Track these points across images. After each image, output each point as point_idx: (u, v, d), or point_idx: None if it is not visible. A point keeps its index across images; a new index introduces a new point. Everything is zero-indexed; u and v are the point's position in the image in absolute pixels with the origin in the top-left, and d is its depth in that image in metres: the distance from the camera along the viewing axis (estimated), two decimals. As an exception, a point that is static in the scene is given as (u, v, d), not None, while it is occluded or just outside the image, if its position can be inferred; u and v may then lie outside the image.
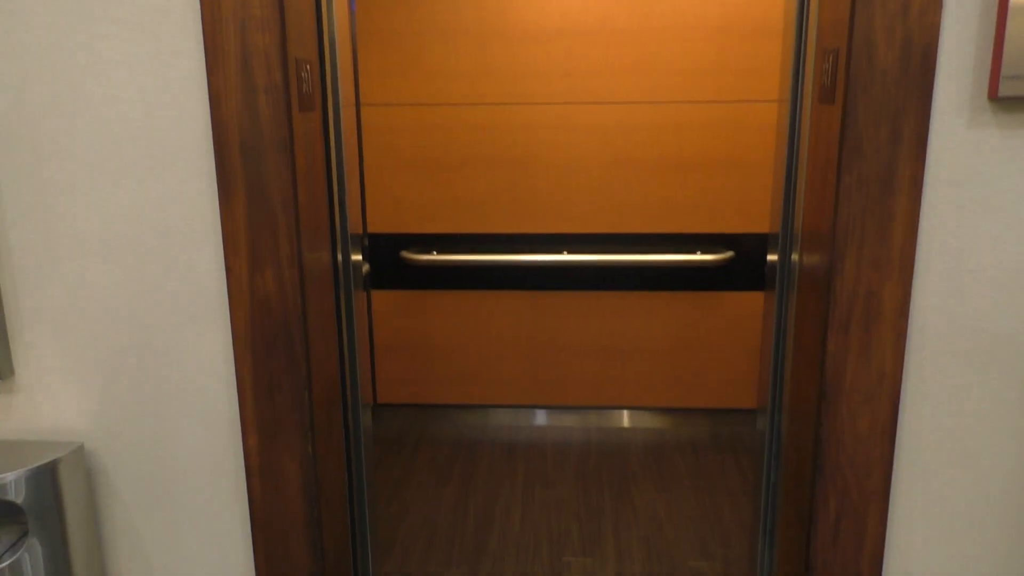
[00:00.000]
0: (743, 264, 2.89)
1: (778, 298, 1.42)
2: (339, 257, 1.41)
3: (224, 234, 1.18)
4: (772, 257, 1.46)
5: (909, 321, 1.16)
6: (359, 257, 1.47)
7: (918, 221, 1.11)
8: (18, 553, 1.17)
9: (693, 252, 2.81)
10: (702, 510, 2.45)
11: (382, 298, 3.02)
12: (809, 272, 1.25)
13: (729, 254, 2.79)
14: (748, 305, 2.94)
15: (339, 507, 1.42)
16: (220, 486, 1.30)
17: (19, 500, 1.15)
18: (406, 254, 2.87)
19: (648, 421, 3.08)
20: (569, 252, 2.84)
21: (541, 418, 3.11)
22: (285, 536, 1.30)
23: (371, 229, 2.95)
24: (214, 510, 1.32)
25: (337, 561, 1.40)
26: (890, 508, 1.24)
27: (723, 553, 2.21)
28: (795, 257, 1.34)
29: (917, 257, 1.14)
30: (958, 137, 1.10)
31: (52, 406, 1.29)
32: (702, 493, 2.56)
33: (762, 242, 2.87)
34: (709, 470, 2.72)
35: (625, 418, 3.09)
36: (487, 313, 3.01)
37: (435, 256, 2.85)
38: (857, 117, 1.08)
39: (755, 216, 2.85)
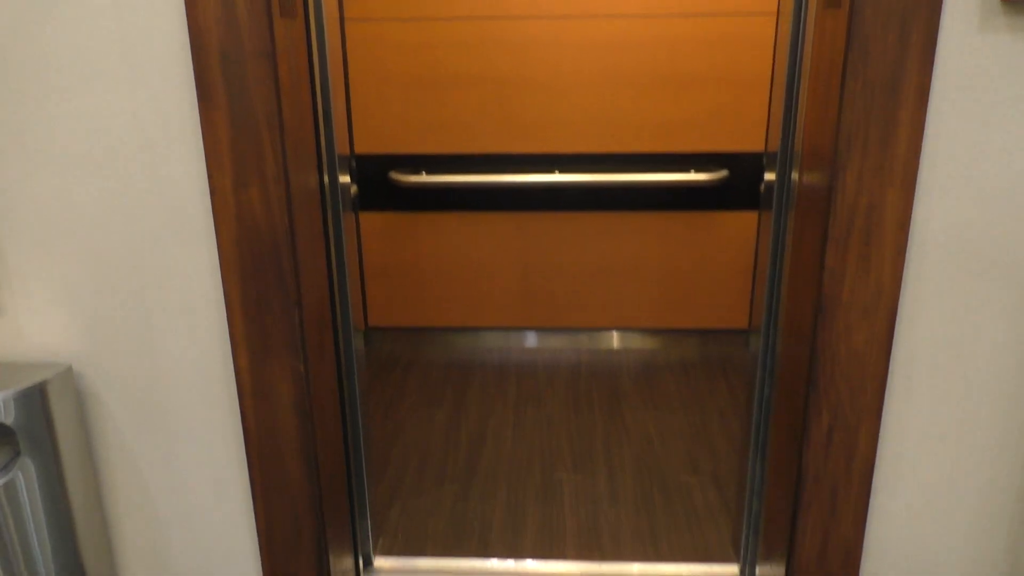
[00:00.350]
0: (737, 183, 2.86)
1: (775, 216, 1.40)
2: (326, 178, 1.37)
3: (206, 149, 1.14)
4: (770, 176, 1.43)
5: (910, 233, 1.14)
6: (347, 178, 1.43)
7: (923, 128, 1.08)
8: (11, 472, 1.16)
9: (687, 171, 2.77)
10: (692, 428, 2.49)
11: (370, 220, 2.98)
12: (808, 189, 1.22)
13: (723, 173, 2.76)
14: (741, 225, 2.92)
15: (332, 427, 1.42)
16: (212, 405, 1.30)
17: (9, 421, 1.14)
18: (394, 175, 2.82)
19: (638, 342, 3.10)
20: (560, 172, 2.79)
21: (532, 340, 3.12)
22: (280, 454, 1.30)
23: (358, 150, 2.89)
24: (207, 429, 1.31)
25: (332, 479, 1.41)
26: (882, 422, 1.25)
27: (712, 468, 2.25)
28: (795, 175, 1.31)
29: (921, 166, 1.11)
30: (968, 40, 1.05)
31: (37, 328, 1.26)
32: (692, 412, 2.59)
33: (757, 161, 2.83)
34: (699, 390, 2.75)
35: (615, 339, 3.10)
36: (478, 235, 2.98)
37: (424, 177, 2.80)
38: (864, 19, 1.03)
39: (750, 134, 2.80)
